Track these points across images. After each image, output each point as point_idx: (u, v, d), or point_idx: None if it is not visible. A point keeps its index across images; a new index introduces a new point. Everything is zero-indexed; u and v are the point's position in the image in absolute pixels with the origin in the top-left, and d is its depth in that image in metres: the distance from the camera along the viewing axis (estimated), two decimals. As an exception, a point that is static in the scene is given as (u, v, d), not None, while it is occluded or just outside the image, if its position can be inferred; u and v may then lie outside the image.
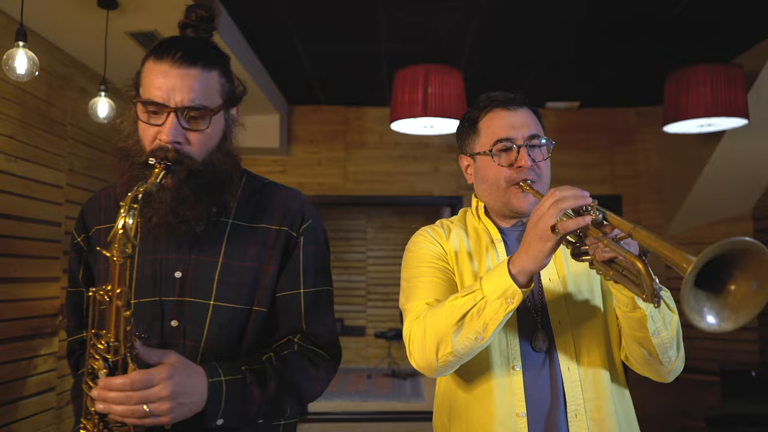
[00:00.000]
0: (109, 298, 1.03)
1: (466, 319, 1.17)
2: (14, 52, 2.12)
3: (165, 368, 1.04)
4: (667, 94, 3.81)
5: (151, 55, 1.15)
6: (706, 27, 3.63)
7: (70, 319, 1.34)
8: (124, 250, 1.02)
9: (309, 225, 1.28)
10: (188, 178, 1.14)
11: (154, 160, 1.10)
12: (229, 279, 1.20)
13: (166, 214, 1.13)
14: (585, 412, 1.27)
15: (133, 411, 1.01)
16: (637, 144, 5.40)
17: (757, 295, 0.92)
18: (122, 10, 2.83)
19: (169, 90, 1.11)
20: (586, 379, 1.29)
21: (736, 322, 0.93)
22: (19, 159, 2.90)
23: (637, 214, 5.37)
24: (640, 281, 1.01)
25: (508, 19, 3.55)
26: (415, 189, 5.39)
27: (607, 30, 3.68)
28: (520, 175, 1.33)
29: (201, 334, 1.18)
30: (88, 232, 1.30)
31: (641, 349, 1.24)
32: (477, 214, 1.47)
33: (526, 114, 1.38)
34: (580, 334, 1.31)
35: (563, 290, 1.34)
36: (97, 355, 1.05)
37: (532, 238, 1.13)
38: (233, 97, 1.22)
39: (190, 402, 1.06)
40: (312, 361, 1.23)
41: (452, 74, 3.59)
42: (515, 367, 1.29)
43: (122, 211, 1.02)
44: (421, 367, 1.27)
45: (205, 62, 1.15)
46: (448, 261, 1.39)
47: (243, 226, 1.24)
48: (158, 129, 1.13)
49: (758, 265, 0.91)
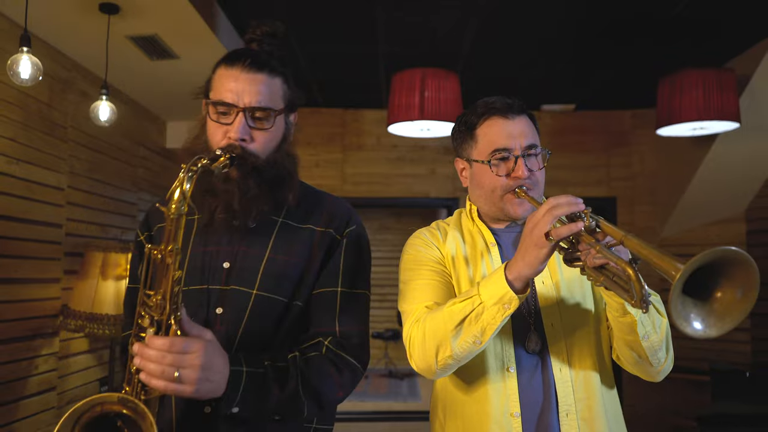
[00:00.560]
0: (161, 256, 1.09)
1: (465, 324, 1.21)
2: (18, 57, 2.16)
3: (202, 341, 1.09)
4: (660, 98, 3.86)
5: (223, 62, 1.27)
6: (699, 32, 3.68)
7: (127, 316, 1.40)
8: (180, 207, 1.08)
9: (353, 230, 1.36)
10: (252, 172, 1.23)
11: (220, 152, 1.18)
12: (273, 271, 1.27)
13: (231, 203, 1.22)
14: (576, 412, 1.32)
15: (163, 371, 1.05)
16: (632, 146, 5.46)
17: (742, 303, 0.95)
18: (123, 15, 2.87)
19: (239, 92, 1.23)
20: (577, 380, 1.34)
21: (721, 328, 0.96)
22: (20, 161, 2.94)
23: (631, 216, 5.42)
24: (630, 287, 1.05)
25: (505, 22, 3.60)
26: (412, 191, 5.44)
27: (602, 33, 3.74)
28: (515, 183, 1.37)
29: (241, 321, 1.25)
30: (151, 230, 1.39)
31: (632, 352, 1.29)
32: (471, 217, 1.51)
33: (523, 122, 1.41)
34: (572, 337, 1.36)
35: (556, 295, 1.38)
36: (144, 313, 1.11)
37: (528, 245, 1.16)
38: (294, 103, 1.33)
39: (213, 380, 1.10)
40: (337, 366, 1.27)
41: (449, 78, 3.63)
42: (510, 369, 1.34)
43: (181, 174, 1.09)
44: (421, 369, 1.31)
45: (271, 69, 1.27)
46: (445, 264, 1.43)
47: (291, 225, 1.32)
48: (227, 127, 1.23)
49: (744, 273, 0.94)
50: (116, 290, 3.19)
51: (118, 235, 3.96)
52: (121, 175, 4.04)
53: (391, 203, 5.64)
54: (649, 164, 5.43)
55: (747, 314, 0.96)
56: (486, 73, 4.47)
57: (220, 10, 3.33)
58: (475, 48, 3.95)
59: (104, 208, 3.79)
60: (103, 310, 3.13)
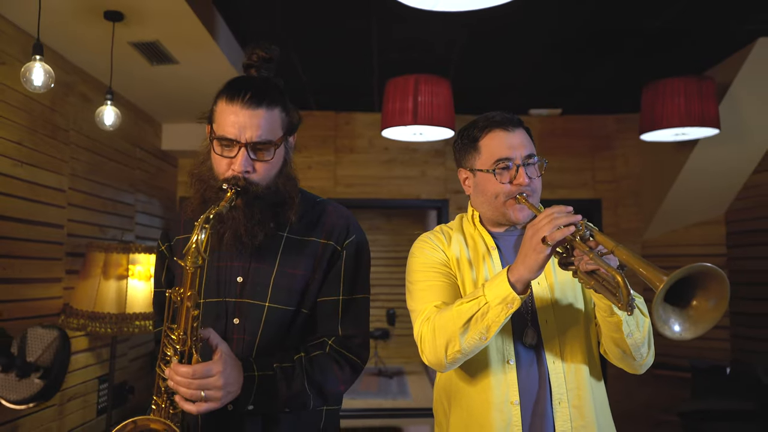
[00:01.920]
0: (180, 299, 1.24)
1: (472, 322, 1.34)
2: (32, 65, 2.24)
3: (220, 363, 1.24)
4: (644, 104, 4.01)
5: (224, 96, 1.35)
6: (681, 41, 3.83)
7: (156, 314, 1.56)
8: (196, 261, 1.22)
9: (352, 240, 1.48)
10: (255, 200, 1.33)
11: (227, 186, 1.30)
12: (281, 284, 1.40)
13: (238, 228, 1.33)
14: (567, 400, 1.46)
15: (192, 394, 1.22)
16: (617, 150, 5.61)
17: (714, 311, 1.10)
18: (127, 22, 2.95)
19: (240, 128, 1.31)
20: (569, 372, 1.47)
21: (694, 332, 1.12)
22: (25, 164, 3.01)
23: (616, 218, 5.58)
24: (618, 292, 1.18)
25: (494, 31, 3.72)
26: (403, 192, 5.55)
27: (588, 42, 3.88)
28: (517, 190, 1.50)
29: (257, 330, 1.38)
30: (170, 241, 1.52)
31: (617, 348, 1.43)
32: (473, 222, 1.63)
33: (522, 135, 1.55)
34: (565, 334, 1.49)
35: (551, 296, 1.51)
36: (169, 344, 1.26)
37: (528, 250, 1.29)
38: (291, 127, 1.42)
39: (233, 391, 1.27)
40: (339, 363, 1.41)
41: (441, 84, 3.75)
42: (510, 361, 1.47)
43: (196, 230, 1.22)
44: (432, 363, 1.44)
45: (269, 102, 1.34)
46: (450, 266, 1.56)
47: (295, 240, 1.44)
48: (231, 160, 1.33)
49: (717, 286, 1.09)
50: (117, 289, 3.27)
51: (117, 235, 4.04)
52: (119, 177, 4.11)
53: (382, 205, 5.74)
54: (632, 167, 5.58)
55: (717, 321, 1.11)
56: (476, 78, 4.59)
57: (219, 17, 3.42)
58: (465, 55, 4.07)
59: (103, 209, 3.86)
60: (105, 309, 3.21)
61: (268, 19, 3.58)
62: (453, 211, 5.54)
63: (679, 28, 3.64)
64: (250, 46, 1.44)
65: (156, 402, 1.29)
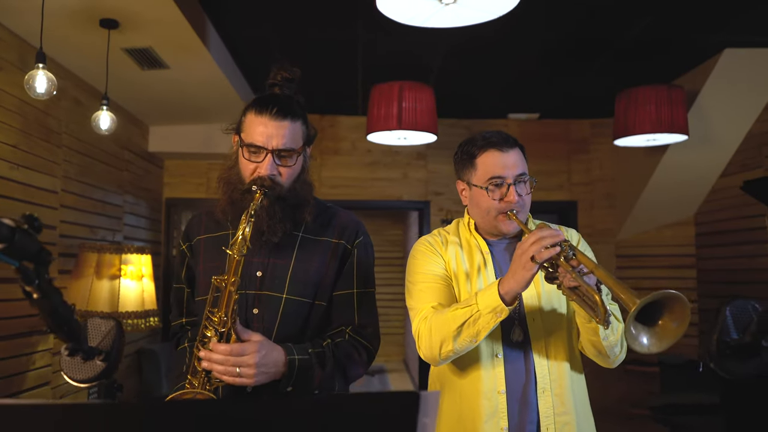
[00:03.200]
0: (224, 285, 1.38)
1: (464, 327, 1.51)
2: (35, 73, 2.33)
3: (255, 344, 1.38)
4: (617, 111, 4.19)
5: (253, 108, 1.51)
6: (652, 51, 4.03)
7: (174, 308, 1.68)
8: (241, 250, 1.38)
9: (361, 240, 1.63)
10: (278, 200, 1.49)
11: (255, 187, 1.45)
12: (297, 278, 1.54)
13: (261, 225, 1.47)
14: (551, 390, 1.62)
15: (228, 371, 1.36)
16: (592, 153, 5.81)
17: (677, 330, 1.30)
18: (122, 30, 3.04)
19: (268, 137, 1.48)
20: (552, 365, 1.64)
21: (660, 347, 1.31)
22: (20, 167, 3.09)
23: (591, 219, 5.77)
24: (596, 308, 1.37)
25: (476, 40, 3.87)
26: (386, 194, 5.69)
27: (567, 52, 4.05)
28: (507, 206, 1.65)
29: (275, 320, 1.52)
30: (191, 241, 1.65)
31: (593, 348, 1.61)
32: (469, 228, 1.77)
33: (516, 155, 1.69)
34: (549, 333, 1.66)
35: (538, 301, 1.68)
36: (210, 326, 1.39)
37: (517, 266, 1.45)
38: (309, 138, 1.57)
39: (270, 372, 1.41)
40: (357, 349, 1.57)
41: (424, 90, 3.88)
42: (498, 355, 1.63)
43: (242, 224, 1.38)
44: (427, 358, 1.61)
45: (293, 115, 1.51)
46: (446, 268, 1.71)
47: (310, 239, 1.58)
48: (257, 165, 1.48)
49: (680, 310, 1.28)
50: (110, 289, 3.36)
51: (107, 236, 4.11)
52: (108, 179, 4.18)
53: (365, 206, 5.87)
54: (607, 170, 5.78)
55: (679, 338, 1.31)
56: (458, 84, 4.74)
57: (210, 24, 3.52)
58: (447, 62, 4.21)
59: (93, 210, 3.93)
60: (98, 308, 3.29)
61: (257, 26, 3.68)
62: (434, 212, 5.69)
63: (651, 40, 3.83)
64: (275, 67, 1.61)
65: (191, 382, 1.41)
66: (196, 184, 5.47)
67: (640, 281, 5.40)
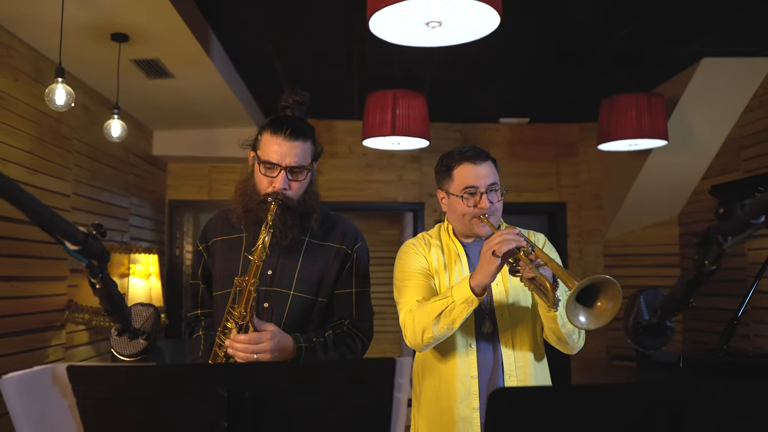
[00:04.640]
0: (245, 285, 1.61)
1: (442, 316, 1.73)
2: (54, 87, 2.53)
3: (269, 333, 1.61)
4: (601, 117, 4.39)
5: (269, 128, 1.73)
6: (634, 60, 4.23)
7: (189, 301, 1.89)
8: (261, 256, 1.61)
9: (359, 246, 1.87)
10: (288, 210, 1.70)
11: (270, 199, 1.66)
12: (303, 278, 1.76)
13: (274, 231, 1.69)
14: (516, 375, 1.87)
15: (247, 357, 1.58)
16: (580, 156, 6.01)
17: (611, 311, 1.50)
18: (132, 43, 3.24)
19: (282, 155, 1.69)
20: (518, 353, 1.88)
21: (597, 324, 1.52)
22: (37, 172, 3.28)
23: (579, 220, 5.98)
24: (547, 294, 1.62)
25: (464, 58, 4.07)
26: (381, 195, 5.88)
27: (557, 60, 4.25)
28: (480, 212, 1.87)
29: (283, 313, 1.74)
30: (208, 242, 1.85)
31: (554, 335, 1.84)
32: (448, 233, 2.00)
33: (488, 167, 1.91)
34: (516, 324, 1.90)
35: (506, 297, 1.92)
36: (231, 319, 1.62)
37: (484, 262, 1.68)
38: (317, 155, 1.79)
39: (281, 356, 1.62)
40: (354, 340, 1.81)
41: (417, 98, 4.09)
42: (471, 344, 1.87)
43: (263, 234, 1.61)
44: (412, 345, 1.83)
45: (305, 136, 1.72)
46: (429, 268, 1.95)
47: (315, 243, 1.81)
48: (272, 179, 1.70)
49: (613, 292, 1.49)
50: (119, 286, 3.55)
51: (115, 237, 4.30)
52: (116, 182, 4.38)
53: (361, 207, 6.07)
54: (595, 173, 5.99)
55: (613, 317, 1.50)
56: (450, 90, 4.94)
57: (213, 35, 3.71)
58: (439, 70, 4.41)
59: (102, 212, 4.13)
60: (108, 305, 3.48)
61: (257, 35, 3.87)
62: (428, 213, 5.90)
63: (633, 50, 4.03)
64: (286, 90, 1.81)
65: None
66: (197, 186, 5.67)
67: (627, 279, 5.61)
